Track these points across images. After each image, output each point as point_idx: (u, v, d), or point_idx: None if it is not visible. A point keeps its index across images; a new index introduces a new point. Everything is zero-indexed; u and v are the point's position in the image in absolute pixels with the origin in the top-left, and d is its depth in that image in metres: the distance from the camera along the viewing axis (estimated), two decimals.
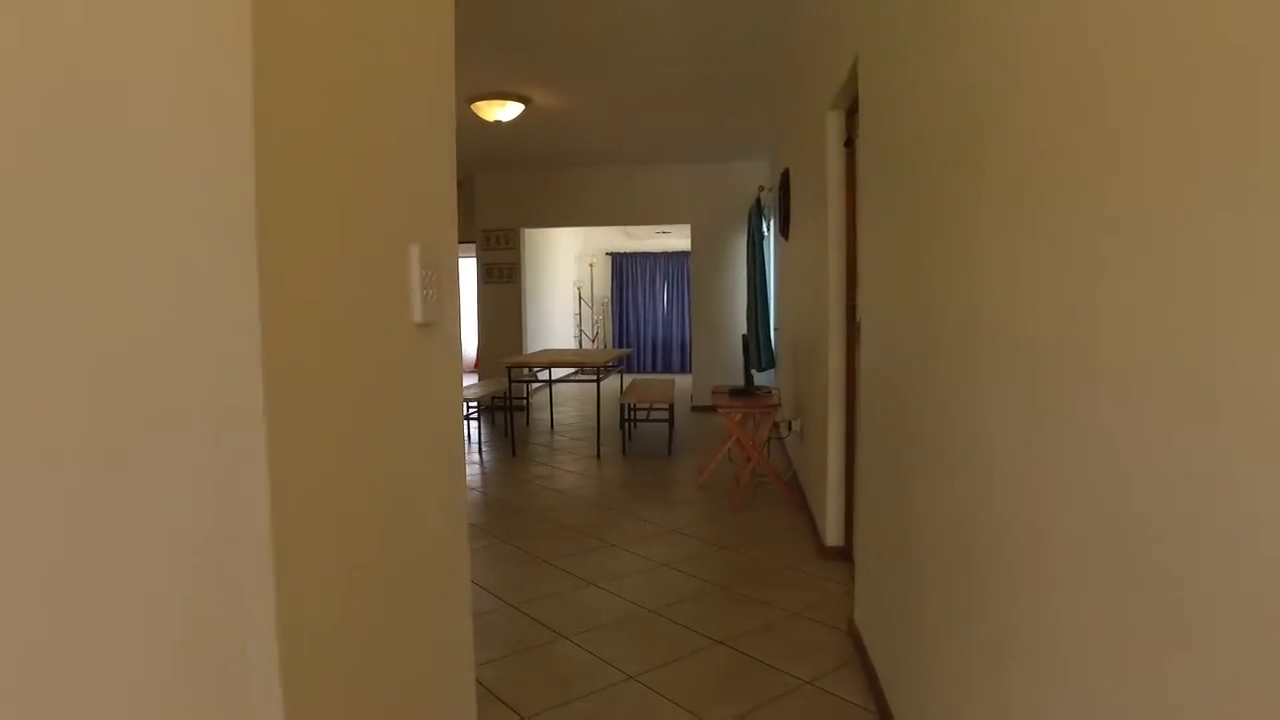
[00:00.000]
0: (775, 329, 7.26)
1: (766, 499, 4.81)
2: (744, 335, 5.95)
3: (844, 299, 3.54)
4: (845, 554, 3.59)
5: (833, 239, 3.54)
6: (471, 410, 6.94)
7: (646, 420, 6.81)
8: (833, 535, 3.69)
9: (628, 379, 9.38)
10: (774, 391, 5.43)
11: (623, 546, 3.94)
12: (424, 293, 1.17)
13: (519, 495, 5.06)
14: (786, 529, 4.19)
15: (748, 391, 5.05)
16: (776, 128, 6.41)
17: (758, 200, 7.40)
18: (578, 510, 4.64)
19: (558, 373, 7.23)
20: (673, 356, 13.47)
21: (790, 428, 5.13)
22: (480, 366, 9.31)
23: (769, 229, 7.70)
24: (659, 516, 4.47)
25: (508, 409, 6.66)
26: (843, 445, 3.64)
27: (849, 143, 3.42)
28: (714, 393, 5.50)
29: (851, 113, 3.25)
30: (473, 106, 5.52)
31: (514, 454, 6.40)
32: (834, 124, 3.50)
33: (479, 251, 9.18)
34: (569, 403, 9.59)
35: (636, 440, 6.91)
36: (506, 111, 5.58)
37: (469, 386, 7.59)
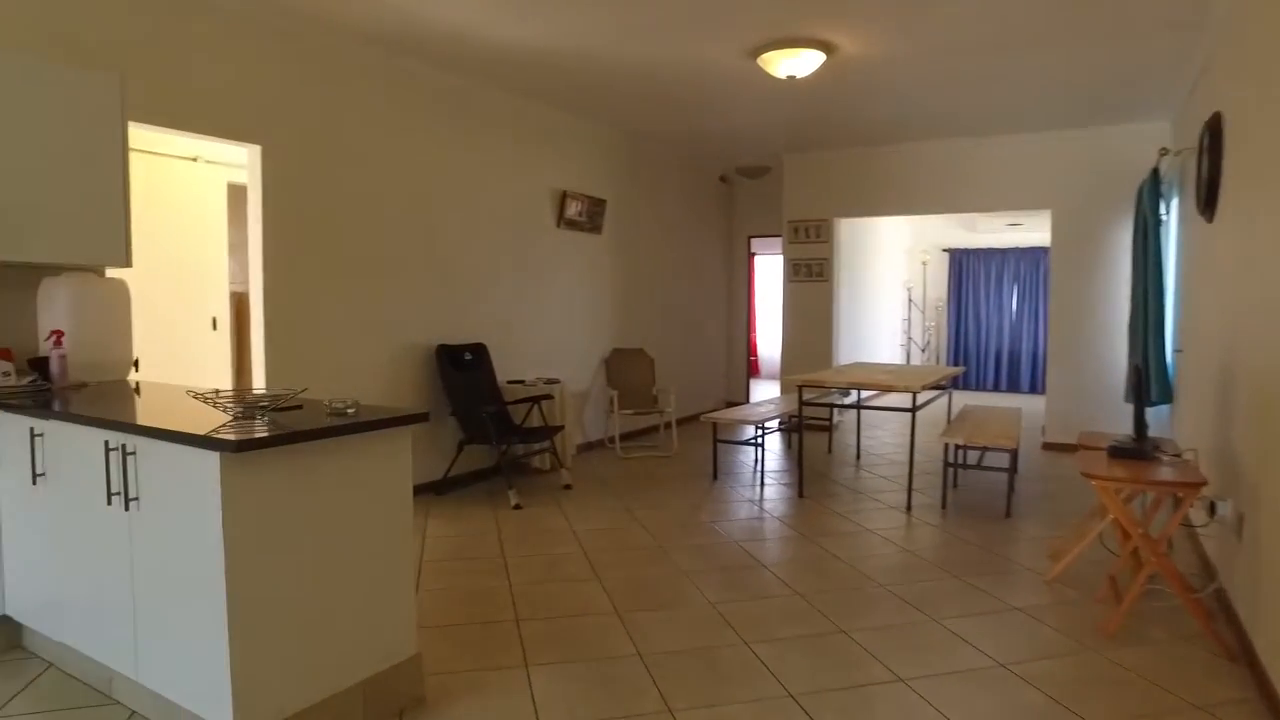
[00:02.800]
0: (1175, 350, 5.18)
1: (1162, 622, 3.10)
2: (1136, 365, 4.12)
3: None
4: None
5: None
6: (764, 431, 5.91)
7: (978, 466, 5.24)
8: None
9: (960, 399, 7.64)
10: (1183, 452, 3.61)
11: (912, 682, 2.62)
12: None
13: (779, 558, 3.91)
14: (1201, 686, 2.54)
15: (1139, 451, 3.33)
16: (1201, 56, 4.42)
17: (1154, 172, 5.35)
18: (853, 601, 3.37)
19: (869, 392, 5.90)
20: (1020, 374, 11.14)
21: (1213, 512, 3.31)
22: (783, 377, 8.23)
23: (1169, 210, 5.56)
24: (979, 631, 3.04)
25: (799, 433, 5.51)
26: None
27: None
28: (1082, 445, 3.81)
29: None
30: (759, 60, 4.44)
31: (801, 493, 5.24)
32: None
33: (785, 245, 8.10)
34: (886, 424, 8.11)
35: (962, 490, 5.33)
36: (800, 63, 4.41)
37: (762, 403, 6.54)
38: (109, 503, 2.28)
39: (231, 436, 1.92)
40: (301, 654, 2.13)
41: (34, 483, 2.64)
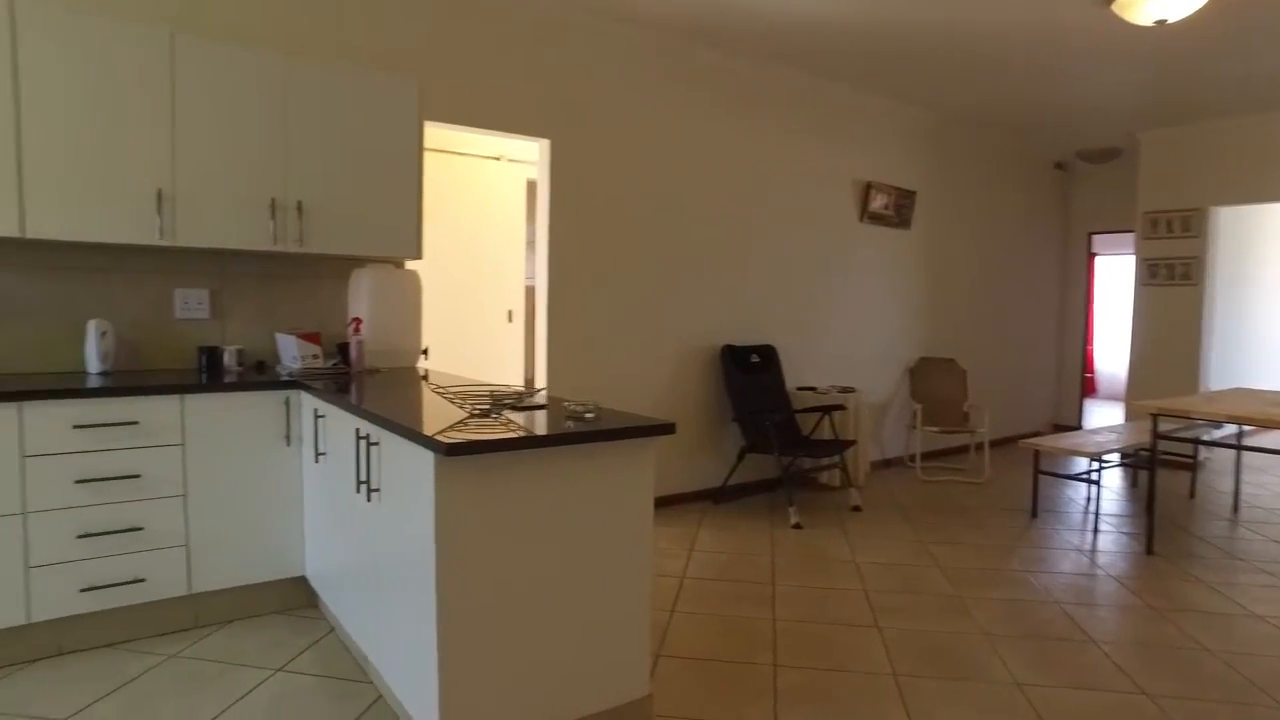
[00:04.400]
0: None
1: None
2: None
3: None
4: None
5: None
6: (1101, 464, 4.86)
7: None
8: None
9: None
10: None
11: None
12: None
13: (1116, 634, 3.03)
14: None
15: None
16: None
17: None
18: None
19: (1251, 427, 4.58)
20: None
21: None
22: (1129, 400, 6.83)
23: None
24: None
25: (1150, 471, 4.41)
26: None
27: None
28: None
29: None
30: (1115, 4, 3.56)
31: (1149, 549, 4.17)
32: None
33: (1139, 241, 6.70)
34: (1274, 468, 6.37)
35: None
36: (1175, 4, 3.45)
37: (1100, 431, 5.41)
38: (357, 490, 2.31)
39: (448, 437, 1.78)
40: (516, 677, 1.95)
41: (316, 461, 2.82)
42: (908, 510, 4.88)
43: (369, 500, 2.25)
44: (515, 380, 5.40)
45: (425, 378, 3.21)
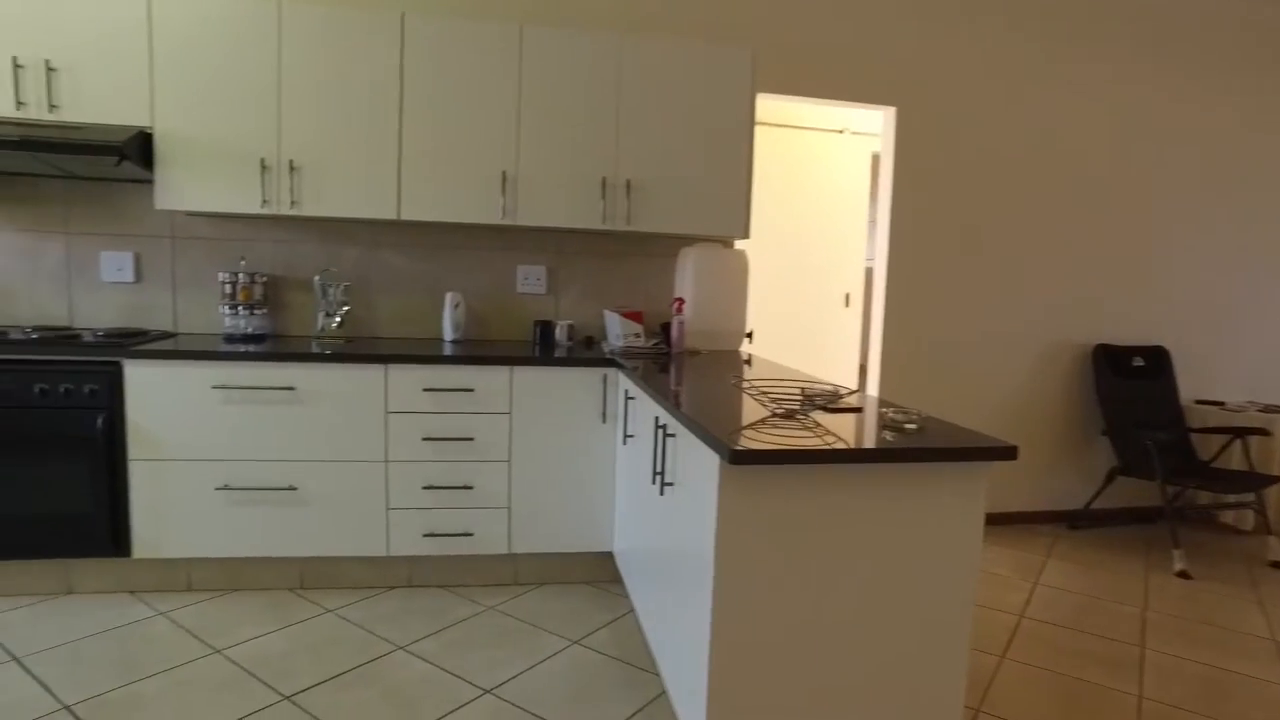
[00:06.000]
0: None
1: None
2: None
3: None
4: None
5: None
6: None
7: None
8: None
9: None
10: None
11: None
12: None
13: None
14: None
15: None
16: None
17: None
18: None
19: None
20: None
21: None
22: None
23: None
24: None
25: None
26: None
27: None
28: None
29: None
30: None
31: None
32: None
33: None
34: None
35: None
36: None
37: None
38: (652, 481, 2.23)
39: (737, 442, 1.59)
40: (795, 712, 1.72)
41: (623, 443, 2.81)
42: None
43: (661, 494, 2.16)
44: (846, 370, 5.07)
45: (748, 362, 3.06)
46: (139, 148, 2.82)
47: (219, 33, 2.89)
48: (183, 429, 2.76)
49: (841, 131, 4.88)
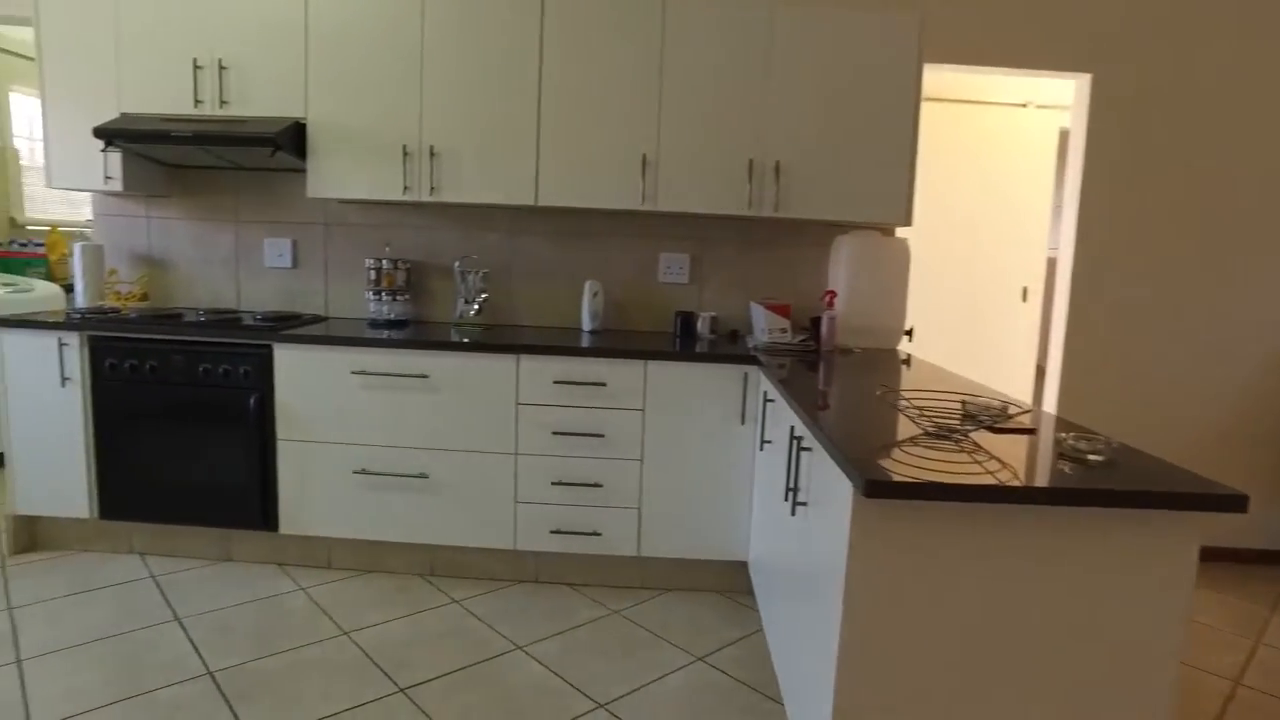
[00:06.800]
0: None
1: None
2: None
3: None
4: None
5: None
6: None
7: None
8: None
9: None
10: None
11: None
12: None
13: None
14: None
15: None
16: None
17: None
18: None
19: None
20: None
21: None
22: None
23: None
24: None
25: None
26: None
27: None
28: None
29: None
30: None
31: None
32: None
33: None
34: None
35: None
36: None
37: None
38: (785, 497, 1.99)
39: (874, 469, 1.34)
40: None
41: (760, 448, 2.59)
42: None
43: (793, 514, 1.93)
44: (1021, 372, 4.54)
45: (906, 362, 2.75)
46: (293, 138, 2.90)
47: (366, 23, 2.92)
48: (325, 412, 2.83)
49: (1025, 105, 4.34)
